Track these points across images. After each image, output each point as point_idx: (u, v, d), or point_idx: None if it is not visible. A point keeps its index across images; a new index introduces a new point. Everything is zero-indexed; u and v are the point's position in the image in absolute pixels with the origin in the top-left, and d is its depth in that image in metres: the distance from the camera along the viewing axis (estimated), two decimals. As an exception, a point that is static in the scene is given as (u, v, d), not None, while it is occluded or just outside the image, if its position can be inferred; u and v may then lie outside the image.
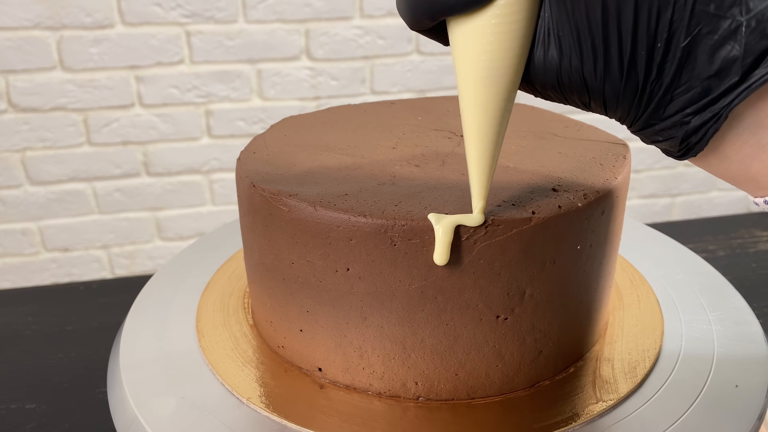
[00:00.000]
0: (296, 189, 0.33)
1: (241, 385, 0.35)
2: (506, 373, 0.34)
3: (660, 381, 0.35)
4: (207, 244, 0.51)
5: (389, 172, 0.35)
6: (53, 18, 0.87)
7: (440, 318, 0.32)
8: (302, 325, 0.35)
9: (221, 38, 0.92)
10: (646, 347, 0.38)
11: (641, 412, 0.33)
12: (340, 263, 0.32)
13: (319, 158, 0.38)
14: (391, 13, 0.96)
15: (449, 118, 0.44)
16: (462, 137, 0.40)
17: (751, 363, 0.36)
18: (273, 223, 0.34)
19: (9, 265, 1.00)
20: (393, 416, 0.33)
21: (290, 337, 0.36)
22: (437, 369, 0.33)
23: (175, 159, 0.98)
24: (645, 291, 0.43)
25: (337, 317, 0.34)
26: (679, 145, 0.23)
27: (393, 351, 0.33)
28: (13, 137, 0.92)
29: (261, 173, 0.36)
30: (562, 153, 0.38)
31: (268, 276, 0.36)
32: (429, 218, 0.30)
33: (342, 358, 0.34)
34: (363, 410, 0.33)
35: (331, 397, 0.34)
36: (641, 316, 0.41)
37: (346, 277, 0.32)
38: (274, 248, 0.35)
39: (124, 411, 0.35)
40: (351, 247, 0.31)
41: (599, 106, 0.24)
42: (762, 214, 0.88)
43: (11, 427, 0.49)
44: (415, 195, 0.33)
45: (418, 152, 0.38)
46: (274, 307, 0.37)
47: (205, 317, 0.41)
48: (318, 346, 0.35)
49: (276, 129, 0.43)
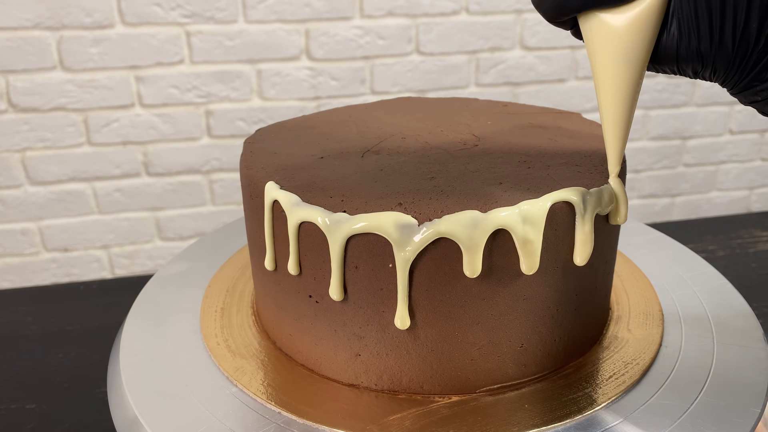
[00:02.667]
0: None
1: (243, 386, 0.35)
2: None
3: (659, 381, 0.35)
4: (207, 244, 0.51)
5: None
6: (53, 18, 0.87)
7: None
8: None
9: (221, 38, 0.92)
10: (649, 339, 0.38)
11: (640, 413, 0.33)
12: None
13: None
14: (391, 13, 0.96)
15: (442, 118, 0.44)
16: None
17: (751, 363, 0.37)
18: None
19: (9, 265, 1.00)
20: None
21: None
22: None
23: (175, 159, 0.98)
24: (644, 291, 0.43)
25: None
26: None
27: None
28: (13, 137, 0.92)
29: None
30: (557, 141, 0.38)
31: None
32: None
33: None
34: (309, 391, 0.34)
35: (290, 374, 0.36)
36: (640, 319, 0.41)
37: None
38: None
39: (124, 411, 0.35)
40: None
41: (709, 73, 0.27)
42: (762, 214, 0.88)
43: (11, 427, 0.49)
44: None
45: (421, 152, 0.38)
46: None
47: (205, 317, 0.41)
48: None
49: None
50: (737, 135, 1.15)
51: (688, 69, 0.27)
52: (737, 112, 1.13)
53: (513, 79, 1.04)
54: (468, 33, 0.99)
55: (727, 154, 1.17)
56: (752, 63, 0.26)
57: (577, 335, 0.37)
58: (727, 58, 0.26)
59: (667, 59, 0.28)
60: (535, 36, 1.01)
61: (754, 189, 1.21)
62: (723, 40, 0.26)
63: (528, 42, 1.02)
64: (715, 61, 0.26)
